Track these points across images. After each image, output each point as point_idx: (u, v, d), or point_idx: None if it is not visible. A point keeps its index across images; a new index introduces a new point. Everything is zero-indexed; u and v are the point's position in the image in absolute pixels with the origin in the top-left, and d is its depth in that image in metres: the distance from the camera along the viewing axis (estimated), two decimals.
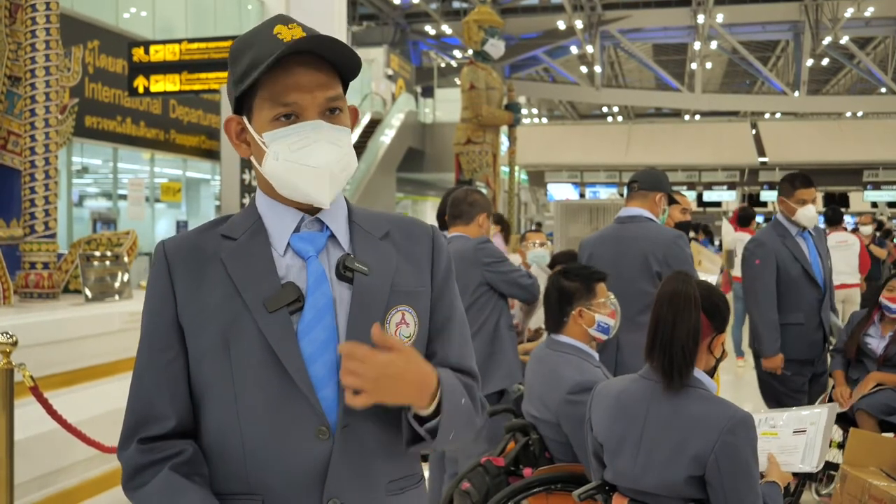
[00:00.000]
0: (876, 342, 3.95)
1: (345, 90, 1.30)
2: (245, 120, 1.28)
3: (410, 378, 1.18)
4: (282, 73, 1.22)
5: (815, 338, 4.08)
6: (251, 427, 1.21)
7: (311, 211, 1.29)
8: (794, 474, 2.40)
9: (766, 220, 22.62)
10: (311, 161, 1.22)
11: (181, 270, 1.25)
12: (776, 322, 4.05)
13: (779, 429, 2.49)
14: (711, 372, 2.25)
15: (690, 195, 23.68)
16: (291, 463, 1.20)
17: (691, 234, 7.23)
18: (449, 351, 1.34)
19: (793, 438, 2.44)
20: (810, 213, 4.09)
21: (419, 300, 1.31)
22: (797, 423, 2.48)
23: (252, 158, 1.29)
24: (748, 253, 4.24)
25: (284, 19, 1.25)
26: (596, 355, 2.88)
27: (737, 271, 7.74)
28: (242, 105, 1.28)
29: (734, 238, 8.81)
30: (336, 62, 1.26)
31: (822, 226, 4.39)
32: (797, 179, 4.11)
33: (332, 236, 1.29)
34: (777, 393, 4.13)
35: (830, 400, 3.95)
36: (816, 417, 2.46)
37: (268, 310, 1.21)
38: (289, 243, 1.27)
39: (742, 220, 8.97)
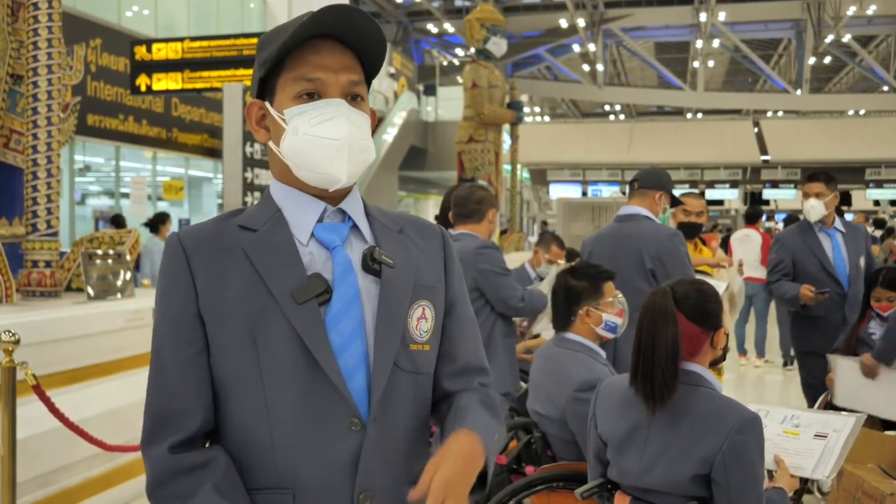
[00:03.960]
0: (879, 331, 3.98)
1: (367, 87, 1.31)
2: (266, 104, 1.29)
3: (470, 472, 1.20)
4: (308, 52, 1.24)
5: (838, 334, 4.13)
6: (281, 420, 1.18)
7: (333, 201, 1.29)
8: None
9: (769, 219, 22.58)
10: (329, 134, 1.22)
11: (200, 261, 1.22)
12: (792, 288, 4.28)
13: (801, 429, 2.43)
14: (719, 361, 2.25)
15: None
16: (324, 455, 1.18)
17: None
18: (463, 348, 1.36)
19: (811, 442, 2.37)
20: (807, 206, 4.34)
21: (436, 295, 1.32)
22: (820, 426, 2.42)
23: (269, 144, 1.29)
24: (772, 248, 4.61)
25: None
26: (603, 353, 2.87)
27: (746, 272, 7.78)
28: (265, 90, 1.29)
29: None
30: (361, 52, 1.27)
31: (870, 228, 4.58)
32: (805, 175, 4.35)
33: (355, 227, 1.29)
34: (810, 387, 4.34)
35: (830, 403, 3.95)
36: (842, 424, 2.38)
37: (297, 301, 1.18)
38: (312, 233, 1.26)
39: (749, 217, 9.31)
